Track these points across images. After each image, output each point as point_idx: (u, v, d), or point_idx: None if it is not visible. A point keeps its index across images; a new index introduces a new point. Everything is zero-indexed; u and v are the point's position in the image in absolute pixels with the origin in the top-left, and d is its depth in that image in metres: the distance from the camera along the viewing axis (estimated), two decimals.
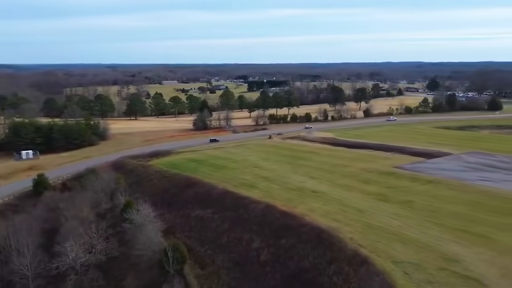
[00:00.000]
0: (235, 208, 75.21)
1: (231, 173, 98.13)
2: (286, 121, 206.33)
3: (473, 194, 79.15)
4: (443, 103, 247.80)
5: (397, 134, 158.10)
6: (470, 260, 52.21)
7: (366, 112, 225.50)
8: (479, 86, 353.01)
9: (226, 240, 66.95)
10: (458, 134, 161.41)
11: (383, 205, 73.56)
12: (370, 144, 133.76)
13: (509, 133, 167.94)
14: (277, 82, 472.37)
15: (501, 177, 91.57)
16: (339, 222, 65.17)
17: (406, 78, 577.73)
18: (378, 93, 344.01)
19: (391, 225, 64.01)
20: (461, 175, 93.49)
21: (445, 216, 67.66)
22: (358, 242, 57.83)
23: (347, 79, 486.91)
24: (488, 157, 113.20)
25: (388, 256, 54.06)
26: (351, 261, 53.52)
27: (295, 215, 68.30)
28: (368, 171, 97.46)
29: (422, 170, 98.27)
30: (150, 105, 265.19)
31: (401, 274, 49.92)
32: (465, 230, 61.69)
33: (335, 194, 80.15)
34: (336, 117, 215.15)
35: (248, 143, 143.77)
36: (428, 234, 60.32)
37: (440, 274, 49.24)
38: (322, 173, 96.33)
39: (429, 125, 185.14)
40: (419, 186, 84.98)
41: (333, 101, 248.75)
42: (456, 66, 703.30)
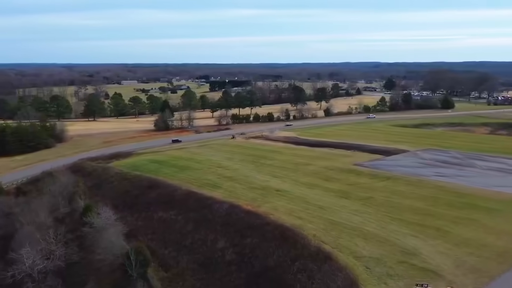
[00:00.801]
0: (199, 209, 74.71)
1: (194, 173, 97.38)
2: (249, 121, 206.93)
3: (429, 189, 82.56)
4: (399, 102, 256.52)
5: (357, 132, 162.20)
6: (427, 253, 54.43)
7: (327, 112, 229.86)
8: (432, 86, 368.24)
9: (191, 241, 66.44)
10: (414, 131, 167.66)
11: (344, 202, 75.34)
12: (331, 142, 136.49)
13: (460, 130, 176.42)
14: (239, 82, 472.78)
15: (454, 173, 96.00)
16: (302, 219, 66.17)
17: (364, 78, 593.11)
18: (337, 93, 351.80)
19: (353, 221, 65.68)
20: (417, 171, 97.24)
21: (403, 211, 70.19)
22: (321, 239, 58.95)
23: (308, 79, 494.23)
24: (442, 153, 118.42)
25: (350, 251, 55.47)
26: (314, 258, 54.48)
27: (259, 214, 68.71)
28: (330, 169, 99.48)
29: (381, 167, 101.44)
30: (109, 105, 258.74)
31: (363, 269, 51.35)
32: (422, 224, 64.24)
33: (298, 192, 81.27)
34: (297, 117, 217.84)
35: (211, 143, 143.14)
36: (388, 229, 62.38)
37: (399, 267, 51.03)
38: (285, 172, 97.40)
39: (387, 123, 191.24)
40: (378, 183, 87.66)
41: (295, 101, 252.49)
42: (410, 66, 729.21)
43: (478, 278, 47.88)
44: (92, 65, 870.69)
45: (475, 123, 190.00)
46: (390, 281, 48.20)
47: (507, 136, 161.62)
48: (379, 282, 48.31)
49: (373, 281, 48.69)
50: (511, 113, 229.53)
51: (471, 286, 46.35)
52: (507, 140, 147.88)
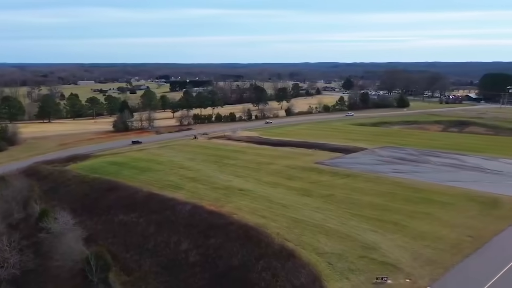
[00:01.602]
0: (161, 211, 73.65)
1: (155, 175, 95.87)
2: (211, 121, 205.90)
3: (387, 185, 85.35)
4: (357, 101, 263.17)
5: (317, 131, 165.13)
6: (386, 247, 56.25)
7: (288, 111, 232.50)
8: (388, 85, 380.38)
9: (153, 244, 65.41)
10: (372, 130, 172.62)
11: (306, 200, 76.55)
12: (293, 141, 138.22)
13: (415, 128, 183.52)
14: (200, 82, 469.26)
15: (410, 169, 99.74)
16: (266, 218, 66.67)
17: (324, 78, 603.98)
18: (298, 93, 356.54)
19: (315, 218, 66.86)
20: (375, 168, 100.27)
21: (363, 207, 72.17)
22: (285, 237, 59.62)
23: (269, 79, 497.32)
24: (399, 150, 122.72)
25: (313, 248, 56.43)
26: (278, 256, 55.01)
27: (223, 214, 68.59)
28: (292, 168, 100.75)
29: (341, 164, 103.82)
30: (65, 106, 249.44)
31: (325, 265, 52.37)
32: (381, 219, 66.31)
33: (261, 191, 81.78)
34: (259, 116, 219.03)
35: (173, 143, 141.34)
36: (349, 225, 63.97)
37: (360, 262, 52.44)
38: (248, 171, 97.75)
39: (346, 122, 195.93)
40: (338, 180, 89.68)
41: (256, 101, 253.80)
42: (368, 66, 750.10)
43: (434, 270, 49.96)
44: (46, 64, 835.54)
45: (429, 121, 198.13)
46: (351, 276, 49.43)
47: (458, 133, 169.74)
48: (341, 277, 49.44)
49: (335, 276, 49.75)
50: (461, 111, 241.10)
51: (428, 277, 48.27)
52: (458, 137, 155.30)
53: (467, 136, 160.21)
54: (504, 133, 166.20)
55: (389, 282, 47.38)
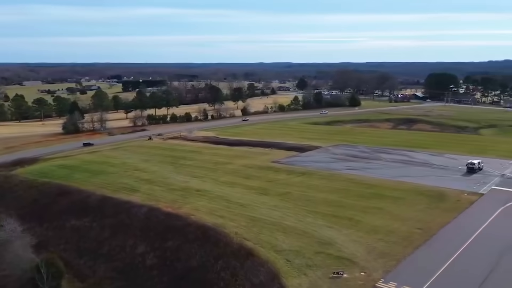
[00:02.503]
0: (115, 214, 71.69)
1: (109, 177, 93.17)
2: (166, 122, 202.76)
3: (341, 182, 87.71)
4: (311, 101, 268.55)
5: (273, 130, 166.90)
6: (341, 242, 57.83)
7: (244, 111, 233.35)
8: (340, 85, 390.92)
9: (108, 249, 63.59)
10: (326, 128, 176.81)
11: (264, 198, 77.19)
12: (249, 141, 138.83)
13: (367, 126, 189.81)
14: (154, 82, 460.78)
15: (363, 166, 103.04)
16: (224, 218, 66.60)
17: (278, 78, 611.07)
18: (253, 93, 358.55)
19: (272, 216, 67.58)
20: (330, 165, 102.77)
21: (318, 203, 73.76)
22: (243, 236, 59.82)
23: (224, 79, 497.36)
24: (351, 148, 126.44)
25: (271, 246, 57.02)
26: (237, 255, 55.12)
27: (180, 215, 67.79)
28: (249, 167, 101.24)
29: (296, 163, 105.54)
30: (10, 108, 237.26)
31: (283, 262, 53.05)
32: (336, 215, 68.06)
33: (218, 191, 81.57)
34: (215, 116, 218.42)
35: (127, 145, 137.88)
36: (305, 222, 65.18)
37: (317, 258, 53.58)
38: (205, 172, 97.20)
39: (301, 121, 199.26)
40: (294, 178, 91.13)
41: (212, 101, 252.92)
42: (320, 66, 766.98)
43: (387, 262, 51.92)
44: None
45: (379, 119, 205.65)
46: (309, 272, 50.40)
47: (407, 131, 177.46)
48: (299, 273, 50.29)
49: (293, 273, 50.54)
50: (409, 110, 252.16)
51: (381, 270, 50.09)
52: (407, 134, 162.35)
53: (415, 133, 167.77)
54: (449, 130, 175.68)
55: (345, 276, 48.76)
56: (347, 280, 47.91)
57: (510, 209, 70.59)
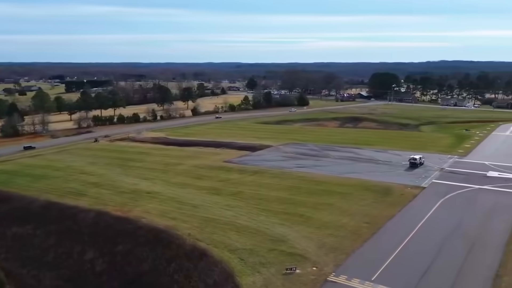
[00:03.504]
0: (61, 220, 68.71)
1: (53, 182, 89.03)
2: (112, 123, 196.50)
3: (291, 180, 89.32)
4: (261, 101, 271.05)
5: (224, 130, 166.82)
6: (293, 239, 58.92)
7: (194, 111, 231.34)
8: (289, 85, 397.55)
9: (54, 256, 60.86)
10: (276, 128, 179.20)
11: (216, 198, 77.01)
12: (200, 141, 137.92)
13: (315, 125, 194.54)
14: (99, 82, 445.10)
15: (312, 163, 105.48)
16: (176, 220, 65.76)
17: (228, 77, 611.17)
18: (203, 92, 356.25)
19: (225, 216, 67.61)
20: (281, 164, 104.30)
21: (270, 202, 74.70)
22: (196, 237, 59.39)
23: (173, 78, 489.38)
24: (301, 146, 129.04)
25: (225, 245, 57.03)
26: (190, 256, 54.67)
27: (130, 218, 66.15)
28: (200, 167, 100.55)
29: (248, 162, 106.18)
30: None
31: (237, 261, 53.23)
32: (287, 212, 69.25)
33: (170, 193, 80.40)
34: (165, 117, 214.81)
35: (72, 148, 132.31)
36: (258, 220, 65.77)
37: (270, 255, 54.24)
38: (156, 173, 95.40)
39: (251, 121, 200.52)
40: (246, 177, 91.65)
41: (161, 101, 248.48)
42: (269, 66, 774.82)
43: (337, 256, 53.54)
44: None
45: (327, 118, 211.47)
46: (263, 269, 50.91)
47: (353, 129, 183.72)
48: (253, 271, 50.68)
49: (247, 271, 50.85)
50: (355, 108, 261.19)
51: (332, 264, 51.58)
52: (354, 132, 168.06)
53: (361, 131, 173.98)
54: (392, 127, 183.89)
55: (297, 271, 49.74)
56: (300, 275, 48.89)
57: (449, 200, 75.14)
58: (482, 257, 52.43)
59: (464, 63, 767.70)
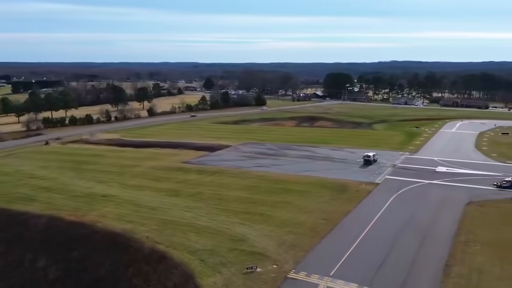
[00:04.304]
0: (10, 227, 65.40)
1: (1, 188, 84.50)
2: (64, 125, 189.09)
3: (251, 179, 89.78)
4: (219, 100, 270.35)
5: (182, 131, 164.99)
6: (253, 237, 59.26)
7: (150, 111, 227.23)
8: (246, 85, 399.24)
9: (3, 265, 57.90)
10: (234, 127, 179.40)
11: (175, 200, 76.08)
12: (157, 142, 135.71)
13: (273, 124, 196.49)
14: (49, 82, 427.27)
15: (271, 162, 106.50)
16: (133, 223, 64.38)
17: (184, 77, 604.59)
18: (159, 93, 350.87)
19: (185, 217, 66.94)
20: (239, 163, 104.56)
21: (230, 201, 74.73)
22: (155, 240, 58.45)
23: (127, 79, 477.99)
24: (260, 146, 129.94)
25: (185, 247, 56.46)
26: (149, 260, 53.72)
27: (85, 223, 64.05)
28: (158, 169, 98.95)
29: (207, 162, 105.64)
30: None
31: (197, 262, 52.84)
32: (247, 211, 69.56)
33: (126, 195, 78.58)
34: (120, 118, 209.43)
35: (20, 151, 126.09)
36: (218, 220, 65.62)
37: (231, 255, 54.27)
38: (111, 176, 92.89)
39: (209, 121, 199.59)
40: (206, 178, 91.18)
41: (115, 101, 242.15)
42: (226, 66, 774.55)
43: (297, 253, 54.38)
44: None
45: (284, 118, 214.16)
46: (223, 269, 50.84)
47: (310, 128, 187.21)
48: (214, 272, 50.51)
49: (208, 272, 50.60)
50: (311, 108, 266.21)
51: (292, 261, 52.33)
52: (310, 131, 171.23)
53: (317, 130, 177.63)
54: (347, 126, 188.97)
55: (258, 270, 50.08)
56: (261, 274, 49.26)
57: (401, 195, 78.25)
58: (433, 249, 55.03)
59: (413, 63, 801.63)
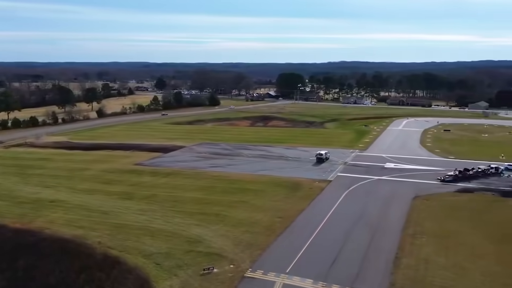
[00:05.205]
0: None
1: None
2: (6, 128, 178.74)
3: (206, 179, 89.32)
4: (171, 101, 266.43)
5: (134, 132, 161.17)
6: (210, 238, 59.05)
7: (100, 113, 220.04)
8: (199, 85, 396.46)
9: None
10: (188, 128, 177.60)
11: (128, 203, 74.25)
12: (108, 144, 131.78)
13: (227, 124, 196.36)
14: None
15: (226, 162, 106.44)
16: (84, 228, 62.25)
17: (135, 77, 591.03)
18: (109, 93, 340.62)
19: (139, 221, 65.52)
20: (194, 164, 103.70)
21: (185, 203, 74.00)
22: (107, 245, 56.87)
23: (74, 79, 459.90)
24: (214, 146, 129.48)
25: (139, 251, 55.29)
26: (102, 266, 52.13)
27: (32, 230, 61.21)
28: (109, 172, 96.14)
29: (160, 164, 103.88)
30: None
31: (153, 266, 51.95)
32: (203, 212, 69.16)
33: (76, 200, 75.77)
34: (67, 119, 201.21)
35: None
36: (173, 223, 64.77)
37: (187, 257, 53.77)
38: (59, 180, 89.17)
39: (162, 122, 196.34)
40: (160, 180, 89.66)
41: (62, 103, 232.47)
42: (178, 66, 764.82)
43: (253, 252, 54.76)
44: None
45: (238, 117, 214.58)
46: (180, 272, 50.30)
47: (264, 127, 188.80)
48: (170, 275, 49.85)
49: (164, 275, 49.88)
50: (264, 107, 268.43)
51: (248, 260, 52.64)
52: (264, 131, 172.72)
53: (271, 129, 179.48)
54: (300, 125, 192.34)
55: (215, 270, 49.98)
56: (218, 274, 49.19)
57: (353, 192, 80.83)
58: (383, 242, 57.34)
59: (361, 63, 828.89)
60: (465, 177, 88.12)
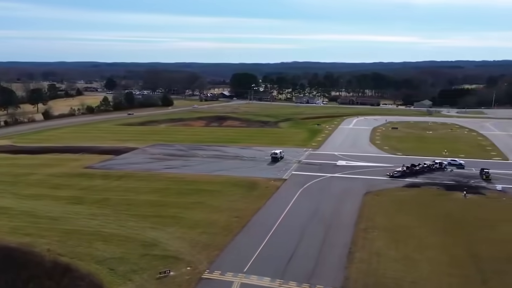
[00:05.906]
0: None
1: None
2: None
3: (160, 181, 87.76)
4: (122, 101, 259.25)
5: (83, 134, 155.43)
6: (166, 241, 58.09)
7: (46, 114, 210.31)
8: (151, 85, 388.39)
9: None
10: (140, 129, 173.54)
11: (78, 208, 71.57)
12: (56, 147, 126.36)
13: (181, 125, 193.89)
14: None
15: (181, 164, 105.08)
16: (32, 235, 59.36)
17: (83, 77, 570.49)
18: (56, 94, 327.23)
19: (90, 226, 63.32)
20: (148, 166, 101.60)
21: (139, 206, 72.35)
22: (57, 252, 54.57)
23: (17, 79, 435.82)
24: (168, 147, 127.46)
25: (92, 257, 53.45)
26: (51, 274, 50.04)
27: None
28: (57, 176, 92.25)
29: (112, 166, 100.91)
30: None
31: (106, 271, 50.40)
32: (158, 215, 67.91)
33: (22, 206, 72.12)
34: (10, 122, 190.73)
35: None
36: (127, 226, 63.12)
37: (142, 261, 52.59)
38: (3, 186, 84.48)
39: (113, 123, 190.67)
40: (112, 183, 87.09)
41: (4, 104, 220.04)
42: (129, 66, 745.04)
43: (210, 253, 54.48)
44: None
45: (192, 118, 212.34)
46: (134, 277, 49.13)
47: (218, 127, 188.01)
48: (124, 280, 48.59)
49: (118, 280, 48.53)
50: (219, 107, 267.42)
51: (206, 261, 52.29)
52: (219, 131, 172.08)
53: (226, 129, 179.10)
54: (254, 125, 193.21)
55: (172, 274, 49.24)
56: (174, 277, 48.51)
57: (307, 189, 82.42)
58: (338, 237, 58.92)
59: (313, 64, 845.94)
60: (412, 173, 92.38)
